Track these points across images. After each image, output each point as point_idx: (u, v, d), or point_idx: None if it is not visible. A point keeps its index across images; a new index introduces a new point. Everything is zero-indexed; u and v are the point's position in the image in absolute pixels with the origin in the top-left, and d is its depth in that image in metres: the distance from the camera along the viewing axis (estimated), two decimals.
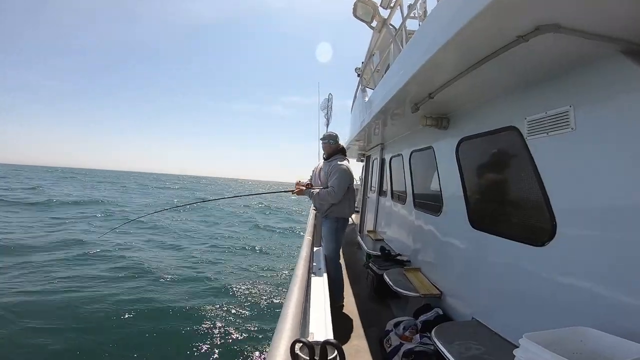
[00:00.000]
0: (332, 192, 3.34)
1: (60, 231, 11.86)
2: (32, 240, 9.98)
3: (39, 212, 16.29)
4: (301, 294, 1.13)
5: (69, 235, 11.17)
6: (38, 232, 11.49)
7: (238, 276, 8.27)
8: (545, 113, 1.74)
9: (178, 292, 6.95)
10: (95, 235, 11.28)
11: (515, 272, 1.97)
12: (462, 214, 2.59)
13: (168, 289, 7.09)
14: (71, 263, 8.16)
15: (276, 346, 0.75)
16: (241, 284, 7.63)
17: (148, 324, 5.42)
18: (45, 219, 14.31)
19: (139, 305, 6.08)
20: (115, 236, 10.91)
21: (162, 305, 6.18)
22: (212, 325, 5.49)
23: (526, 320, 1.84)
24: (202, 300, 6.56)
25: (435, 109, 2.88)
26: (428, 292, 2.85)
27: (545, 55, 1.54)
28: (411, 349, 2.26)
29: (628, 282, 1.29)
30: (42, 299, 5.94)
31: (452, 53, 1.71)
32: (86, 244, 9.95)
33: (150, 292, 6.83)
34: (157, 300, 6.46)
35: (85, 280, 7.08)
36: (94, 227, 13.22)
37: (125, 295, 6.53)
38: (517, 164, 2.03)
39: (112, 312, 5.73)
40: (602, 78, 1.45)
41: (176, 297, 6.65)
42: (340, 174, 3.39)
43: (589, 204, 1.50)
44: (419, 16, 3.74)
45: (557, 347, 1.11)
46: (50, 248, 9.36)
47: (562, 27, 1.23)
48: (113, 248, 9.73)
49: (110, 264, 8.30)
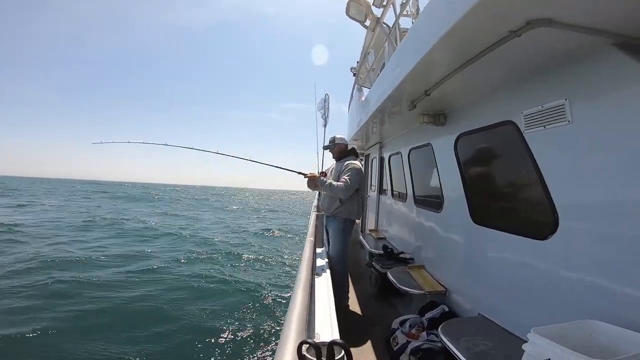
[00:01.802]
0: (343, 186, 3.28)
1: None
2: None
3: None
4: (305, 295, 1.13)
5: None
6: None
7: (241, 278, 8.26)
8: (541, 107, 1.74)
9: (182, 293, 6.97)
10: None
11: (518, 266, 1.97)
12: (464, 210, 2.59)
13: (171, 289, 7.12)
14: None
15: (283, 348, 0.75)
16: (245, 285, 7.64)
17: (152, 324, 5.42)
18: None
19: (142, 305, 6.11)
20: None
21: (167, 306, 6.20)
22: (217, 327, 5.49)
23: (532, 315, 1.84)
24: (206, 302, 6.57)
25: (432, 106, 2.88)
26: (433, 289, 2.85)
27: (538, 49, 1.55)
28: (418, 346, 2.25)
29: (632, 274, 1.29)
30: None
31: (446, 50, 1.71)
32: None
33: (154, 291, 6.86)
34: (161, 299, 6.48)
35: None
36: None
37: (126, 294, 6.55)
38: (516, 158, 2.03)
39: (115, 312, 5.76)
40: (597, 71, 1.46)
41: (180, 298, 6.67)
42: (353, 172, 3.38)
43: (590, 197, 1.50)
44: (412, 14, 3.75)
45: (566, 340, 1.11)
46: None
47: (554, 21, 1.24)
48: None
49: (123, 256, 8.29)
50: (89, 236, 12.53)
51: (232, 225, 18.97)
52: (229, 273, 8.66)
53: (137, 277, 7.78)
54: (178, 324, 5.54)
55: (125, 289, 6.89)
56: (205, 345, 4.94)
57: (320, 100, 5.48)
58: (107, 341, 4.84)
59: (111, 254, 9.81)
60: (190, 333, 5.26)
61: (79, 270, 7.99)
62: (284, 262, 10.47)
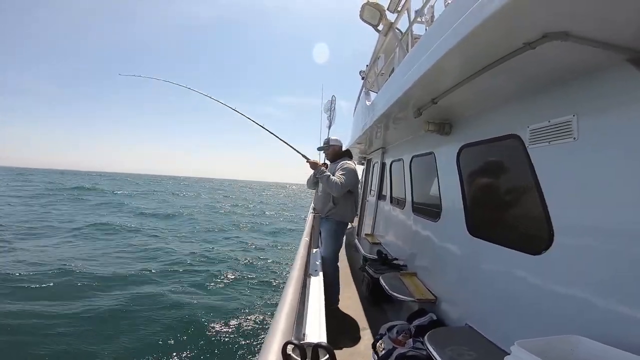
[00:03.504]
0: (338, 182, 3.30)
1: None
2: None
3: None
4: (296, 295, 1.13)
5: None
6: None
7: (231, 275, 8.25)
8: (548, 122, 1.73)
9: (165, 288, 6.92)
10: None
11: (510, 279, 1.97)
12: (460, 221, 2.58)
13: (156, 284, 7.07)
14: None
15: (268, 347, 0.75)
16: (235, 282, 7.62)
17: (137, 322, 5.33)
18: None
19: (115, 304, 5.99)
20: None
21: (152, 302, 6.12)
22: (203, 325, 5.42)
23: (519, 328, 1.84)
24: (191, 297, 6.53)
25: (438, 115, 2.87)
26: (423, 297, 2.85)
27: (551, 63, 1.53)
28: (403, 353, 2.25)
29: (622, 292, 1.29)
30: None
31: (458, 59, 1.70)
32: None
33: (139, 287, 6.80)
34: (148, 295, 6.41)
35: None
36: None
37: (107, 293, 6.44)
38: (518, 172, 2.03)
39: (91, 311, 5.65)
40: (608, 87, 1.44)
41: (163, 293, 6.61)
42: (348, 171, 3.40)
43: (587, 215, 1.50)
44: (426, 21, 3.75)
45: (548, 355, 1.11)
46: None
47: (570, 35, 1.22)
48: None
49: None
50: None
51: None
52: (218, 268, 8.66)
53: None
54: (159, 321, 5.45)
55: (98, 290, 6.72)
56: (189, 343, 4.88)
57: (327, 102, 5.49)
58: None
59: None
60: (171, 329, 5.20)
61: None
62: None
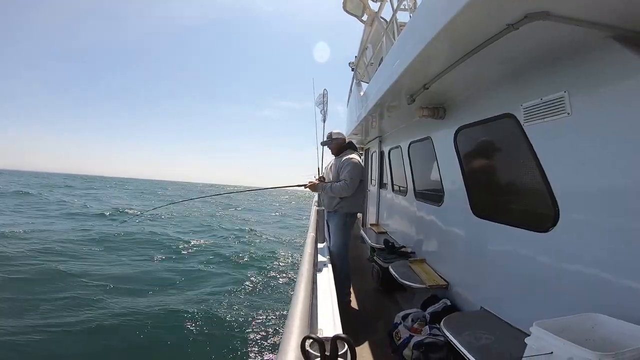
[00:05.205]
0: (344, 185, 3.31)
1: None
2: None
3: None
4: (308, 291, 1.14)
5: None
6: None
7: (242, 274, 8.29)
8: (540, 99, 1.74)
9: (183, 290, 6.98)
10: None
11: (520, 259, 1.97)
12: (464, 203, 2.58)
13: (174, 287, 7.13)
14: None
15: (286, 343, 0.75)
16: (246, 281, 7.67)
17: (157, 322, 5.40)
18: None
19: (146, 303, 6.07)
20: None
21: (171, 303, 6.19)
22: (219, 323, 5.49)
23: (534, 308, 1.85)
24: (206, 299, 6.59)
25: (431, 100, 2.86)
26: (435, 283, 2.86)
27: (537, 43, 1.55)
28: (421, 340, 2.26)
29: (634, 266, 1.29)
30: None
31: (444, 43, 1.71)
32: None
33: (158, 290, 6.86)
34: (166, 297, 6.48)
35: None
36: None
37: (127, 294, 6.51)
38: (516, 151, 2.03)
39: (115, 312, 5.68)
40: (595, 64, 1.46)
41: (182, 295, 6.68)
42: (351, 167, 3.39)
43: (590, 188, 1.50)
44: (409, 8, 3.72)
45: (568, 333, 1.11)
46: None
47: (551, 14, 1.24)
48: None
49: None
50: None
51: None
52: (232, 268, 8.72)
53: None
54: (178, 320, 5.49)
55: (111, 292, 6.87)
56: (208, 341, 4.94)
57: (318, 96, 5.44)
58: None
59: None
60: (190, 328, 5.27)
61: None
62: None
